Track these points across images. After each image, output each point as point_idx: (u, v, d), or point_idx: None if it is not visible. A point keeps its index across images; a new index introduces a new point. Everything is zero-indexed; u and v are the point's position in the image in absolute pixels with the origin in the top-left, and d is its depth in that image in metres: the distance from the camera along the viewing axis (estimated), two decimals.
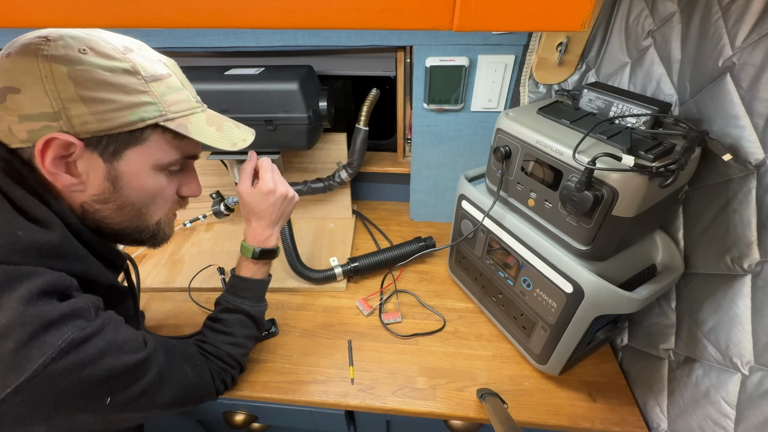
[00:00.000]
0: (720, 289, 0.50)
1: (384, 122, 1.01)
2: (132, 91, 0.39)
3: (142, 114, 0.40)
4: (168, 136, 0.43)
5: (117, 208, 0.43)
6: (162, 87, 0.42)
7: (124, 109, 0.39)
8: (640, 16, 0.61)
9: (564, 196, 0.50)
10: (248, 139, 0.52)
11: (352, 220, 1.04)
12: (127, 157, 0.41)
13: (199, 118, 0.46)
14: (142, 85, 0.40)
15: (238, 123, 0.53)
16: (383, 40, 0.76)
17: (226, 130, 0.49)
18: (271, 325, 0.76)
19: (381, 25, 0.30)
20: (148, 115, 0.40)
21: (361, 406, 0.65)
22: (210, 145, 0.46)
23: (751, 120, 0.45)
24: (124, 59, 0.39)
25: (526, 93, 0.78)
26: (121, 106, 0.39)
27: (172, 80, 0.43)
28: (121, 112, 0.39)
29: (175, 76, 0.44)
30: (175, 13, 0.32)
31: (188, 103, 0.45)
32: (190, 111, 0.45)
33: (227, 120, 0.51)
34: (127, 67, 0.39)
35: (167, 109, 0.42)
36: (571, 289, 0.54)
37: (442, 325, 0.77)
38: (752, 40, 0.44)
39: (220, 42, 0.79)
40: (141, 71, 0.40)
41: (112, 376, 0.36)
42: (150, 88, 0.41)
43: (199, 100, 0.49)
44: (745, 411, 0.46)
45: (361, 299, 0.82)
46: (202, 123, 0.46)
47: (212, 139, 0.46)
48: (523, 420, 0.63)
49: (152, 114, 0.41)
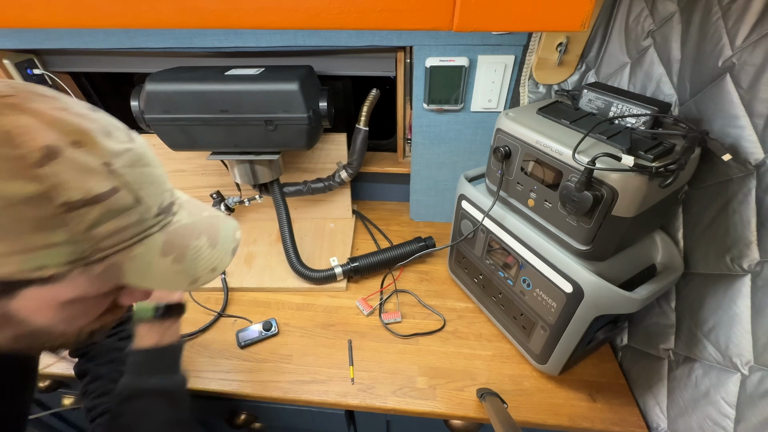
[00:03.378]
0: (720, 289, 0.51)
1: (384, 122, 1.01)
2: (33, 229, 0.26)
3: (44, 261, 0.27)
4: (93, 271, 0.29)
5: (12, 338, 0.32)
6: (94, 214, 0.27)
7: (14, 255, 0.26)
8: (640, 16, 0.61)
9: (564, 196, 0.50)
10: (220, 267, 0.37)
11: (352, 220, 1.04)
12: (25, 296, 0.29)
13: (151, 245, 0.32)
14: (54, 219, 0.26)
15: (220, 237, 0.37)
16: (383, 41, 0.76)
17: (191, 257, 0.34)
18: (271, 324, 0.76)
19: (381, 25, 0.30)
20: (55, 261, 0.27)
21: (361, 406, 0.65)
22: (154, 288, 0.33)
23: (750, 120, 0.45)
24: (35, 176, 0.25)
25: (526, 93, 0.78)
26: (9, 251, 0.26)
27: (117, 198, 0.29)
28: (7, 259, 0.26)
29: (125, 190, 0.29)
30: (176, 13, 0.32)
31: (138, 225, 0.31)
32: (139, 237, 0.31)
33: (201, 236, 0.35)
34: (33, 192, 0.25)
35: (94, 246, 0.28)
36: (571, 289, 0.54)
37: (442, 325, 0.77)
38: (752, 40, 0.44)
39: (220, 42, 0.79)
40: (59, 196, 0.26)
41: None
42: (69, 221, 0.26)
43: (167, 204, 0.34)
44: (744, 411, 0.46)
45: (361, 299, 0.83)
46: (152, 254, 0.32)
47: (159, 280, 0.32)
48: (522, 420, 0.63)
49: (63, 258, 0.27)
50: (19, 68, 0.90)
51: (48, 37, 0.84)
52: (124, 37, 0.81)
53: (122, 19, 0.33)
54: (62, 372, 0.70)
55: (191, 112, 0.70)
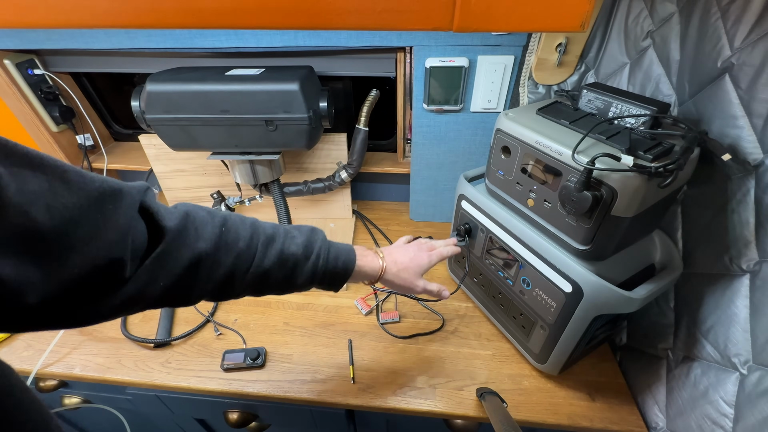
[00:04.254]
0: (718, 289, 0.51)
1: (384, 122, 1.01)
2: None
3: None
4: None
5: None
6: None
7: None
8: (639, 16, 0.61)
9: (563, 196, 0.50)
10: None
11: (352, 220, 1.04)
12: None
13: None
14: None
15: None
16: (383, 41, 0.76)
17: None
18: (258, 354, 0.70)
19: (381, 25, 0.30)
20: None
21: (361, 406, 0.65)
22: None
23: (749, 120, 0.45)
24: None
25: (526, 93, 0.79)
26: None
27: None
28: None
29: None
30: (176, 13, 0.32)
31: None
32: None
33: None
34: None
35: None
36: (570, 288, 0.54)
37: (441, 325, 0.77)
38: (751, 40, 0.44)
39: (220, 42, 0.79)
40: None
41: None
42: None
43: None
44: (743, 410, 0.46)
45: (359, 298, 0.83)
46: None
47: None
48: (522, 419, 0.63)
49: None
50: (20, 68, 0.90)
51: (49, 37, 0.84)
52: (125, 37, 0.82)
53: (123, 19, 0.33)
54: (62, 372, 0.70)
55: (192, 113, 0.71)
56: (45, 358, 0.71)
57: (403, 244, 0.61)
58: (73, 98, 1.00)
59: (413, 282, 0.56)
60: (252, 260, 0.42)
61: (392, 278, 0.54)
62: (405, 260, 0.56)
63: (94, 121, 1.07)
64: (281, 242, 0.45)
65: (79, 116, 1.03)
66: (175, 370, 0.70)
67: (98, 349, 0.73)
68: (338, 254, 0.49)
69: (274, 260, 0.44)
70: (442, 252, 0.60)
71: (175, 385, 0.68)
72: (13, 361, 0.71)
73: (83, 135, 1.06)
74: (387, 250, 0.57)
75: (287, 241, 0.45)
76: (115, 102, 1.10)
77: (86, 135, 1.06)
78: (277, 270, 0.44)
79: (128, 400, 0.78)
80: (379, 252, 0.55)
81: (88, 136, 1.07)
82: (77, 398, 0.85)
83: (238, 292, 0.44)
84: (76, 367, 0.70)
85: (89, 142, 1.07)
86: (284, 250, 0.45)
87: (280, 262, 0.44)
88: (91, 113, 1.07)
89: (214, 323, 0.78)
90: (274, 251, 0.44)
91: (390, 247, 0.59)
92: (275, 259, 0.44)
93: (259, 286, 0.45)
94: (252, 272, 0.43)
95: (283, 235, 0.46)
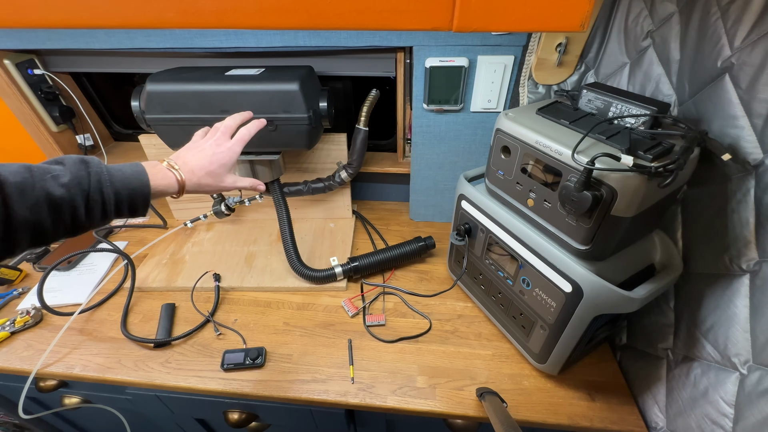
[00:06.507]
0: (718, 289, 0.51)
1: (384, 122, 1.01)
2: None
3: None
4: None
5: None
6: None
7: None
8: (639, 16, 0.61)
9: (563, 196, 0.50)
10: None
11: (352, 220, 1.04)
12: None
13: None
14: None
15: None
16: (383, 41, 0.76)
17: None
18: (258, 354, 0.71)
19: (381, 25, 0.30)
20: None
21: (361, 405, 0.65)
22: None
23: (749, 120, 0.45)
24: None
25: (526, 93, 0.79)
26: None
27: None
28: None
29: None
30: (176, 13, 0.32)
31: None
32: None
33: None
34: None
35: None
36: (570, 288, 0.54)
37: (428, 328, 0.77)
38: (751, 40, 0.44)
39: (220, 42, 0.79)
40: None
41: None
42: None
43: None
44: (743, 410, 0.46)
45: (347, 299, 0.82)
46: None
47: None
48: (522, 419, 0.63)
49: None
50: (20, 68, 0.90)
51: (48, 37, 0.84)
52: (125, 37, 0.82)
53: (123, 19, 0.33)
54: (62, 372, 0.70)
55: (192, 112, 0.71)
56: (45, 358, 0.71)
57: (198, 142, 0.56)
58: (73, 98, 1.00)
59: (220, 184, 0.54)
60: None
61: (195, 188, 0.52)
62: (204, 163, 0.52)
63: (94, 121, 1.07)
64: (40, 186, 0.39)
65: (79, 116, 1.03)
66: (175, 370, 0.70)
67: (98, 349, 0.73)
68: (125, 182, 0.45)
69: (38, 208, 0.39)
70: (242, 137, 0.56)
71: (175, 385, 0.68)
72: (13, 361, 0.71)
73: (83, 135, 1.06)
74: (181, 158, 0.52)
75: (47, 183, 0.40)
76: (115, 102, 1.10)
77: (86, 135, 1.06)
78: (47, 216, 0.39)
79: (128, 400, 0.79)
80: (173, 164, 0.51)
81: (88, 136, 1.07)
82: (77, 398, 0.85)
83: (23, 247, 0.39)
84: (76, 367, 0.70)
85: (89, 142, 1.07)
86: (49, 195, 0.39)
87: (49, 208, 0.39)
88: (91, 113, 1.07)
89: (214, 323, 0.78)
90: (32, 199, 0.38)
91: (184, 153, 0.54)
92: (43, 207, 0.39)
93: (43, 238, 0.40)
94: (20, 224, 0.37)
95: (40, 176, 0.40)
